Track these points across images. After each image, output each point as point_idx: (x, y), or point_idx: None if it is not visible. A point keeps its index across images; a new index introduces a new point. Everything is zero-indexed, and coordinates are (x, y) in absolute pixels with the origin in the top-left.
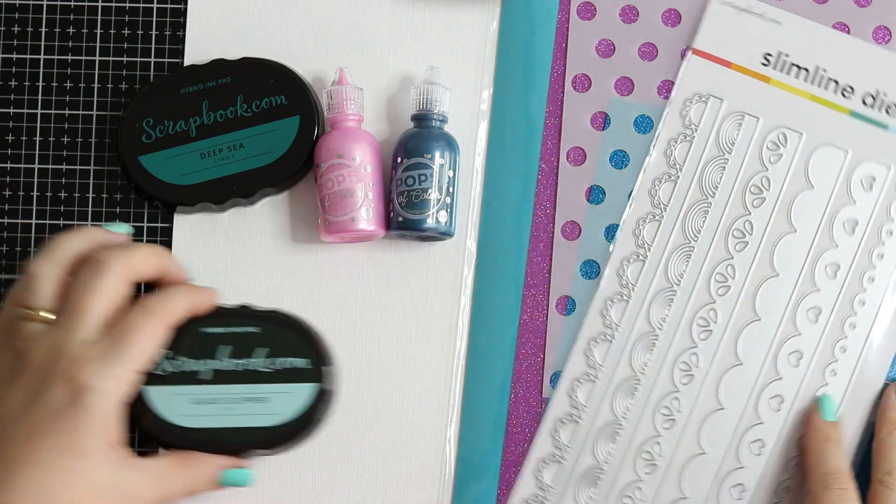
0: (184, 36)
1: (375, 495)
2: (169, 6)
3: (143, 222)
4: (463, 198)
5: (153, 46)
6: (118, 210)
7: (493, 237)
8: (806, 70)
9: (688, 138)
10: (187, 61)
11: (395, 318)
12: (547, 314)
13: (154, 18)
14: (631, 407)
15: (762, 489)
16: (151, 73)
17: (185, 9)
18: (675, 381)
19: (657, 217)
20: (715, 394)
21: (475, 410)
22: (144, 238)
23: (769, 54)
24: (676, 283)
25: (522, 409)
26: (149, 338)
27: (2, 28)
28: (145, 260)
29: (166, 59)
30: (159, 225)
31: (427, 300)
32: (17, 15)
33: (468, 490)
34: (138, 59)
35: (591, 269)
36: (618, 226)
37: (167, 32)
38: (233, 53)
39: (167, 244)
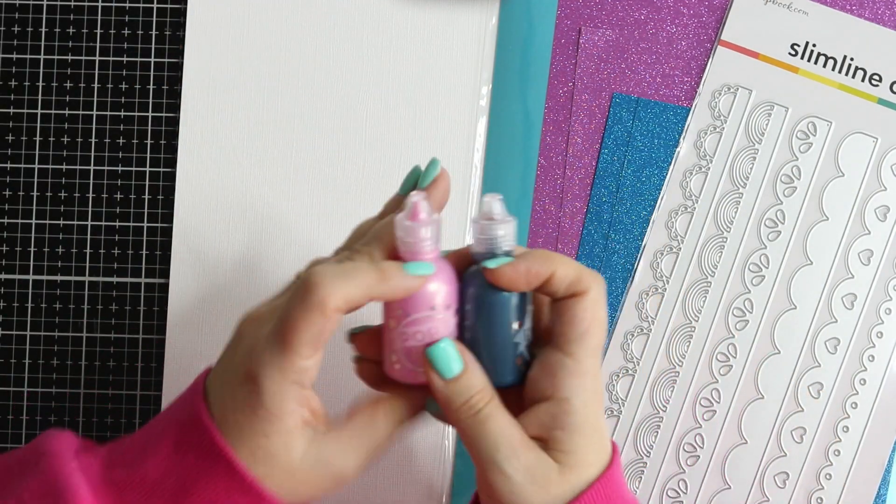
0: (184, 36)
1: (374, 492)
2: (169, 6)
3: (142, 222)
4: (462, 194)
5: (153, 46)
6: (118, 210)
7: None
8: (833, 59)
9: (717, 129)
10: (187, 61)
11: None
12: None
13: (154, 18)
14: (671, 399)
15: (804, 476)
16: (151, 72)
17: (185, 9)
18: (714, 372)
19: (689, 209)
20: (754, 383)
21: None
22: (145, 237)
23: (796, 44)
24: (711, 273)
25: None
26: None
27: (2, 28)
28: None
29: (166, 59)
30: (159, 225)
31: None
32: (17, 15)
33: (468, 486)
34: (138, 59)
35: (592, 266)
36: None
37: (167, 32)
38: (232, 53)
39: (166, 239)
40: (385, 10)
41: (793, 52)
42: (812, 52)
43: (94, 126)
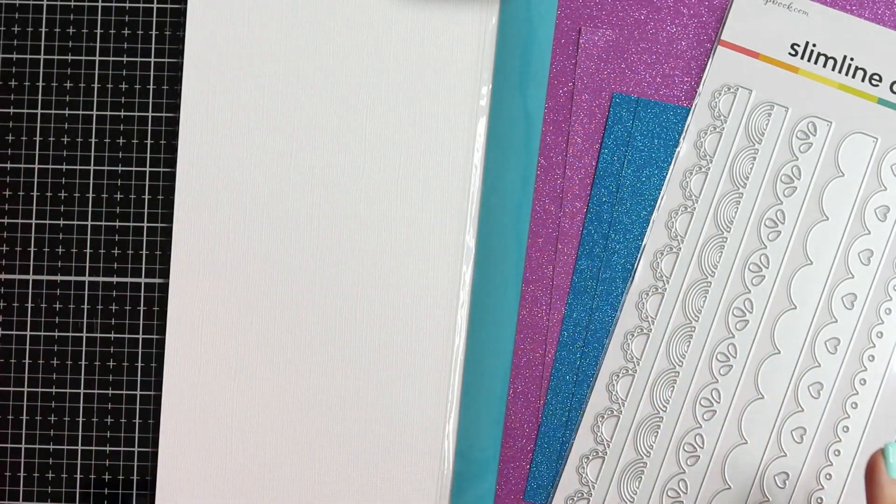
0: (184, 36)
1: (374, 492)
2: (169, 6)
3: (142, 222)
4: (461, 194)
5: (153, 46)
6: (118, 210)
7: (491, 233)
8: (833, 59)
9: (717, 129)
10: (187, 61)
11: (394, 315)
12: (547, 310)
13: (154, 18)
14: (671, 399)
15: (804, 476)
16: (151, 72)
17: (185, 9)
18: (714, 372)
19: (689, 209)
20: (754, 383)
21: (474, 406)
22: (144, 239)
23: (796, 44)
24: (711, 273)
25: (521, 404)
26: None
27: (2, 28)
28: None
29: (166, 59)
30: (159, 225)
31: (426, 296)
32: (17, 15)
33: (468, 486)
34: (138, 59)
35: (592, 266)
36: (619, 221)
37: (167, 32)
38: (232, 53)
39: (166, 239)
40: (385, 10)
41: (793, 52)
42: (812, 52)
43: (94, 126)
